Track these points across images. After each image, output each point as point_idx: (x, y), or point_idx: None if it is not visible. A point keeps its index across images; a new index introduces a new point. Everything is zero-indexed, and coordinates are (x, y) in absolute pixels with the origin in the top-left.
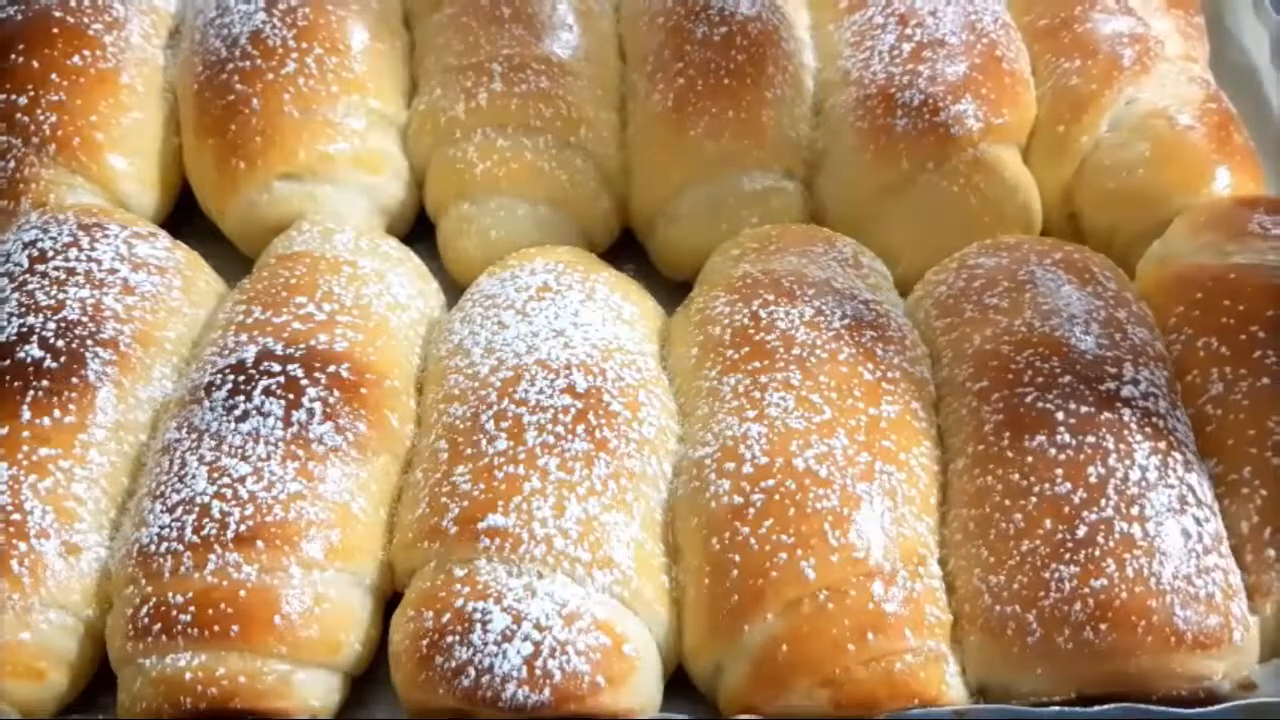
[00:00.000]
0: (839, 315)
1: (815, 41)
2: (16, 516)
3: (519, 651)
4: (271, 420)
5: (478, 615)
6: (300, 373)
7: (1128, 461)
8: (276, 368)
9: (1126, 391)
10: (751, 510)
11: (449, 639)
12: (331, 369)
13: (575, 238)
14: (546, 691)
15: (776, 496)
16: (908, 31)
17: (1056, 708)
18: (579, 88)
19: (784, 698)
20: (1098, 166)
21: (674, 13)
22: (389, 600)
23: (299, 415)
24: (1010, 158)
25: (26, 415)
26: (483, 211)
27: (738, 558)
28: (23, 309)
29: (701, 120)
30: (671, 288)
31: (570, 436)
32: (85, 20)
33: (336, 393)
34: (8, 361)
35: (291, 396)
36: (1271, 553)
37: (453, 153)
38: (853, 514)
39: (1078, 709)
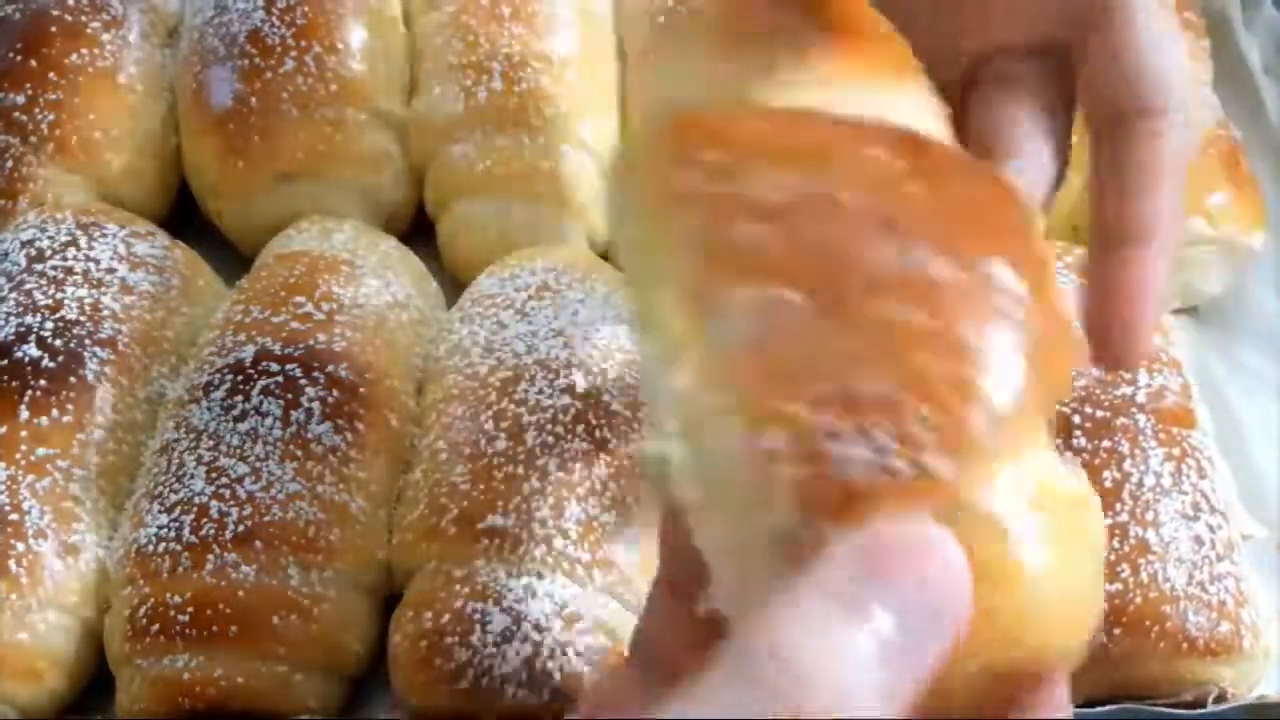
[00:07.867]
0: None
1: None
2: (14, 516)
3: (518, 653)
4: (270, 420)
5: (477, 616)
6: (299, 372)
7: (1142, 467)
8: (275, 367)
9: (1141, 397)
10: None
11: (448, 640)
12: (330, 369)
13: (575, 238)
14: (546, 693)
15: None
16: None
17: None
18: (580, 87)
19: None
20: None
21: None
22: (388, 601)
23: (297, 415)
24: None
25: (24, 415)
26: (483, 211)
27: None
28: (20, 308)
29: None
30: None
31: (570, 437)
32: (83, 19)
33: (335, 392)
34: (5, 361)
35: (290, 396)
36: None
37: (453, 152)
38: None
39: (1078, 710)
